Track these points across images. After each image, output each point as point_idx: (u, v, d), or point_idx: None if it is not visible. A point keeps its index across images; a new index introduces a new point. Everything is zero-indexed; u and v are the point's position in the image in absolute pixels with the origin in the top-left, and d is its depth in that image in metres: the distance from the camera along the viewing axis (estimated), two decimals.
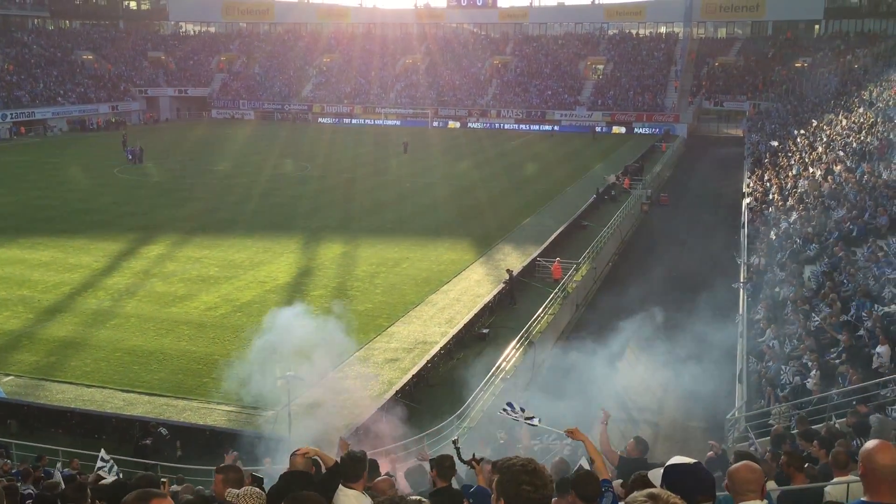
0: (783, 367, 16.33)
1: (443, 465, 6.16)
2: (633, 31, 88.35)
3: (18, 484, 9.30)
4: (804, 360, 15.91)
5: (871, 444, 3.81)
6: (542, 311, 23.88)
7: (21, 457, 15.25)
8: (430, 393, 19.31)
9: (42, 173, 49.57)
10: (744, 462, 4.02)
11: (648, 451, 8.91)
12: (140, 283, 27.05)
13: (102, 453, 13.09)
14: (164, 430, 16.44)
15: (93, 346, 21.61)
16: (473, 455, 6.30)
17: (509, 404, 7.26)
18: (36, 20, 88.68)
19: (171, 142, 65.48)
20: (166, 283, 27.18)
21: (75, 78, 79.72)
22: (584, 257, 29.58)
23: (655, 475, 4.05)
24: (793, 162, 37.17)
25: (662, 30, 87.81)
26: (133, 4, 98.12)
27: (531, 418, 7.03)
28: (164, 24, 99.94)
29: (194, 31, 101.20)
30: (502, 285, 26.04)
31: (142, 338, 22.23)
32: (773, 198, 31.81)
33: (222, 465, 6.65)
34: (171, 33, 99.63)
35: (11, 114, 69.01)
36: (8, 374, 19.79)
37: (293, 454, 5.95)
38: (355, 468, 5.39)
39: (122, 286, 26.75)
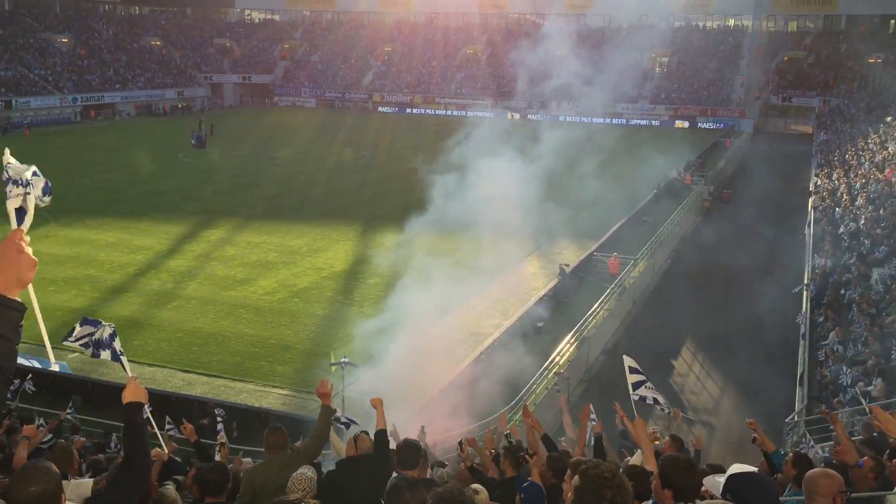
0: (845, 369, 15.88)
1: (515, 456, 6.17)
2: (700, 24, 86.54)
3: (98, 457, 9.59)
4: (869, 365, 15.45)
5: None
6: (597, 306, 23.63)
7: (86, 432, 15.70)
8: (483, 385, 19.26)
9: (109, 156, 50.92)
10: (823, 469, 3.89)
11: (687, 452, 8.70)
12: (201, 266, 27.62)
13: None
14: (220, 411, 16.72)
15: (155, 326, 22.14)
16: (526, 450, 6.25)
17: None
18: (107, 6, 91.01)
19: (235, 128, 66.58)
20: (226, 266, 27.69)
21: (143, 63, 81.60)
22: (643, 253, 29.17)
23: (712, 483, 3.88)
24: (863, 160, 36.05)
25: (731, 22, 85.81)
26: None
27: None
28: (231, 11, 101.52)
29: (259, 19, 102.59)
30: (557, 279, 25.87)
31: (202, 320, 22.69)
32: (842, 197, 30.90)
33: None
34: (237, 20, 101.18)
35: (82, 97, 71.05)
36: (73, 352, 20.39)
37: (354, 436, 6.03)
38: (412, 456, 5.42)
39: (183, 268, 27.34)
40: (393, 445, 6.12)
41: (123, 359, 7.32)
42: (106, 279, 25.96)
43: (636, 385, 7.89)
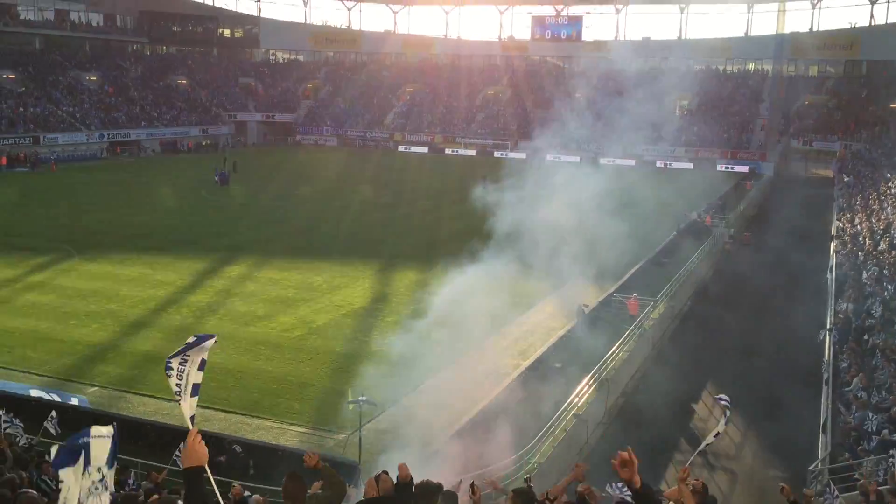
0: (871, 416, 15.62)
1: (527, 499, 6.08)
2: (721, 68, 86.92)
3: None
4: (894, 412, 15.20)
5: None
6: (617, 348, 23.46)
7: None
8: (501, 425, 19.11)
9: (134, 192, 51.60)
10: None
11: (711, 499, 8.55)
12: (221, 302, 27.77)
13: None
14: (238, 448, 16.71)
15: None
16: (546, 494, 6.20)
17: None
18: (135, 45, 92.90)
19: (258, 166, 67.37)
20: (246, 302, 27.82)
21: (169, 101, 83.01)
22: (663, 294, 29.00)
23: None
24: (885, 205, 35.85)
25: (751, 66, 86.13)
26: (227, 32, 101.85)
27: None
28: (256, 51, 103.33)
29: (283, 59, 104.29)
30: (576, 320, 25.78)
31: (221, 355, 22.72)
32: (864, 242, 30.68)
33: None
34: (261, 60, 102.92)
35: (109, 134, 72.32)
36: (93, 385, 20.50)
37: (375, 476, 5.99)
38: (429, 498, 5.38)
39: (204, 304, 27.50)
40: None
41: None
42: (127, 314, 26.15)
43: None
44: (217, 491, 5.49)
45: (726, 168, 70.78)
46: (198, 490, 3.60)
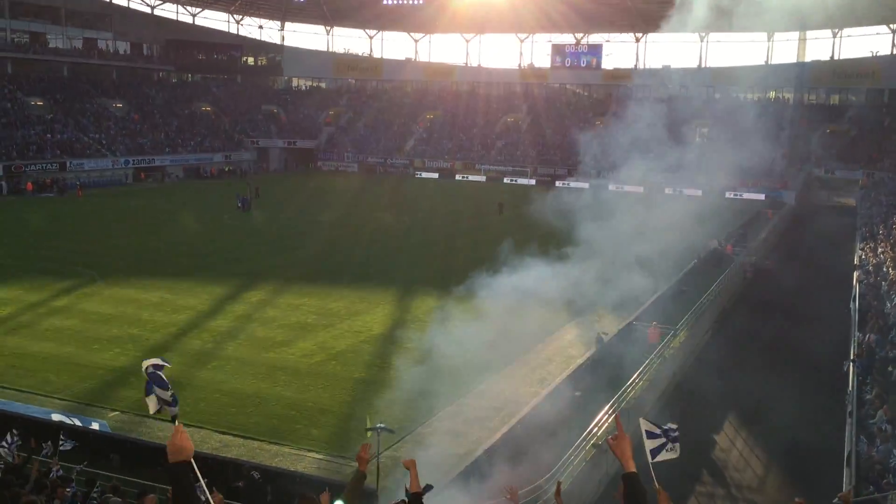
0: (894, 452, 15.39)
1: None
2: (741, 96, 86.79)
3: None
4: None
5: None
6: (637, 377, 23.29)
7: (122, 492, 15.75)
8: (519, 454, 19.00)
9: (157, 217, 52.16)
10: None
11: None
12: (241, 327, 27.92)
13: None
14: (256, 474, 16.72)
15: (194, 386, 22.32)
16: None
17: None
18: (161, 73, 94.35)
19: (279, 191, 67.91)
20: (266, 328, 27.95)
21: (194, 128, 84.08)
22: (683, 323, 28.81)
23: None
24: None
25: (772, 95, 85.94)
26: (251, 60, 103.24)
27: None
28: (279, 79, 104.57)
29: (305, 87, 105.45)
30: (595, 348, 25.66)
31: (240, 381, 22.84)
32: (888, 272, 30.37)
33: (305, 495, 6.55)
34: (284, 88, 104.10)
35: (134, 160, 73.34)
36: (114, 410, 20.64)
37: None
38: None
39: (224, 329, 27.66)
40: None
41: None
42: (148, 338, 26.35)
43: (655, 451, 7.00)
44: (204, 485, 5.55)
45: (735, 195, 70.60)
46: (185, 485, 3.58)
